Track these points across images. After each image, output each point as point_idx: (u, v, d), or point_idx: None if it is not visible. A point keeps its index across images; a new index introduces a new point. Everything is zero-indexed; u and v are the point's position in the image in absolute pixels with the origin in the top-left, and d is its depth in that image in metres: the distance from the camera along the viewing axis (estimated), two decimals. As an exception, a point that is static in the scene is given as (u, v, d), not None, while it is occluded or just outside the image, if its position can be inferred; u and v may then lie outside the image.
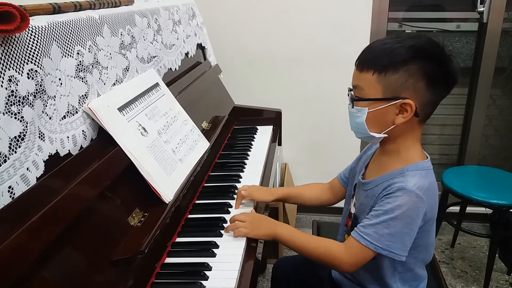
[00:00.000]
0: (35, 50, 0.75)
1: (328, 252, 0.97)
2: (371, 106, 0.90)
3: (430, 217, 0.92)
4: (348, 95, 0.96)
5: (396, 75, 0.87)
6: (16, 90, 0.69)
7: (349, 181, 1.15)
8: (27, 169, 0.71)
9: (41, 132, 0.76)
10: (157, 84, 1.23)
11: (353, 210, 1.06)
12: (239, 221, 1.05)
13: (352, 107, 0.93)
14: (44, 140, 0.76)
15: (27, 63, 0.72)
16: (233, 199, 1.22)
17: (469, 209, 2.15)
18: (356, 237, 0.92)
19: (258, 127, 1.81)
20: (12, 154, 0.68)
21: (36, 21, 0.78)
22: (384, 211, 0.89)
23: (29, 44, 0.74)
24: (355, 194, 1.06)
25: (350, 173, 1.16)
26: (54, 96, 0.81)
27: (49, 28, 0.80)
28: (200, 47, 1.85)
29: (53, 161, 0.78)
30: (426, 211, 0.89)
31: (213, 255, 0.97)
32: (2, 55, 0.67)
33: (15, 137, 0.69)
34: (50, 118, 0.79)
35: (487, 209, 1.96)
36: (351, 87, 0.95)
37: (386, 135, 0.93)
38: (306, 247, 1.00)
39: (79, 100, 0.90)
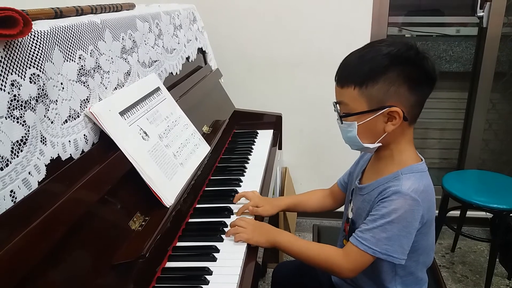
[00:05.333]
0: (37, 54, 0.75)
1: (328, 258, 0.97)
2: (360, 119, 0.91)
3: (427, 219, 0.92)
4: (335, 111, 0.96)
5: (377, 86, 0.87)
6: (19, 95, 0.69)
7: (348, 186, 1.15)
8: (29, 173, 0.71)
9: (43, 136, 0.76)
10: (158, 89, 1.23)
11: (350, 215, 1.06)
12: (240, 226, 1.05)
13: (341, 123, 0.94)
14: (46, 144, 0.77)
15: (29, 68, 0.73)
16: (234, 203, 1.22)
17: (469, 213, 2.14)
18: (354, 242, 0.92)
19: (258, 131, 1.82)
20: (14, 158, 0.68)
21: (38, 26, 0.78)
22: (380, 215, 0.89)
23: (31, 48, 0.74)
24: (352, 199, 1.07)
25: (349, 178, 1.16)
26: (56, 100, 0.81)
27: (51, 33, 0.80)
28: (201, 51, 1.85)
29: (55, 165, 0.78)
30: (422, 214, 0.89)
31: (214, 259, 0.97)
32: (4, 60, 0.67)
33: (17, 141, 0.69)
34: (52, 122, 0.79)
35: (487, 213, 1.96)
36: (336, 102, 0.96)
37: (380, 144, 0.94)
38: (306, 254, 1.00)
39: (81, 104, 0.90)
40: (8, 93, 0.67)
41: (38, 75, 0.75)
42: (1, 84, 0.66)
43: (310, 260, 1.00)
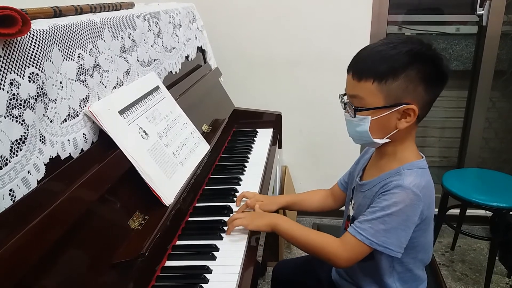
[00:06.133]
0: (36, 53, 0.75)
1: (325, 245, 0.97)
2: (374, 114, 0.91)
3: (426, 216, 0.93)
4: (344, 104, 0.96)
5: (397, 82, 0.87)
6: (18, 94, 0.69)
7: (348, 186, 1.16)
8: (28, 172, 0.71)
9: (42, 135, 0.76)
10: (157, 87, 1.23)
11: (351, 213, 1.06)
12: (238, 218, 1.06)
13: (354, 117, 0.93)
14: (45, 143, 0.77)
15: (28, 67, 0.73)
16: (234, 201, 1.22)
17: (469, 211, 2.14)
18: (352, 232, 0.93)
19: (258, 130, 1.82)
20: (13, 157, 0.68)
21: (38, 25, 0.78)
22: (380, 207, 0.90)
23: (30, 47, 0.74)
24: (353, 197, 1.07)
25: (349, 177, 1.16)
26: (55, 99, 0.81)
27: (50, 32, 0.80)
28: (201, 50, 1.85)
29: (54, 164, 0.78)
30: (422, 209, 0.90)
31: (214, 258, 0.97)
32: (3, 59, 0.67)
33: (16, 140, 0.69)
34: (51, 121, 0.79)
35: (487, 211, 1.97)
36: (344, 94, 0.95)
37: (389, 140, 0.94)
38: (304, 240, 1.00)
39: (80, 103, 0.90)
40: (7, 92, 0.67)
41: (37, 74, 0.75)
42: (0, 83, 0.66)
43: (308, 246, 1.00)
